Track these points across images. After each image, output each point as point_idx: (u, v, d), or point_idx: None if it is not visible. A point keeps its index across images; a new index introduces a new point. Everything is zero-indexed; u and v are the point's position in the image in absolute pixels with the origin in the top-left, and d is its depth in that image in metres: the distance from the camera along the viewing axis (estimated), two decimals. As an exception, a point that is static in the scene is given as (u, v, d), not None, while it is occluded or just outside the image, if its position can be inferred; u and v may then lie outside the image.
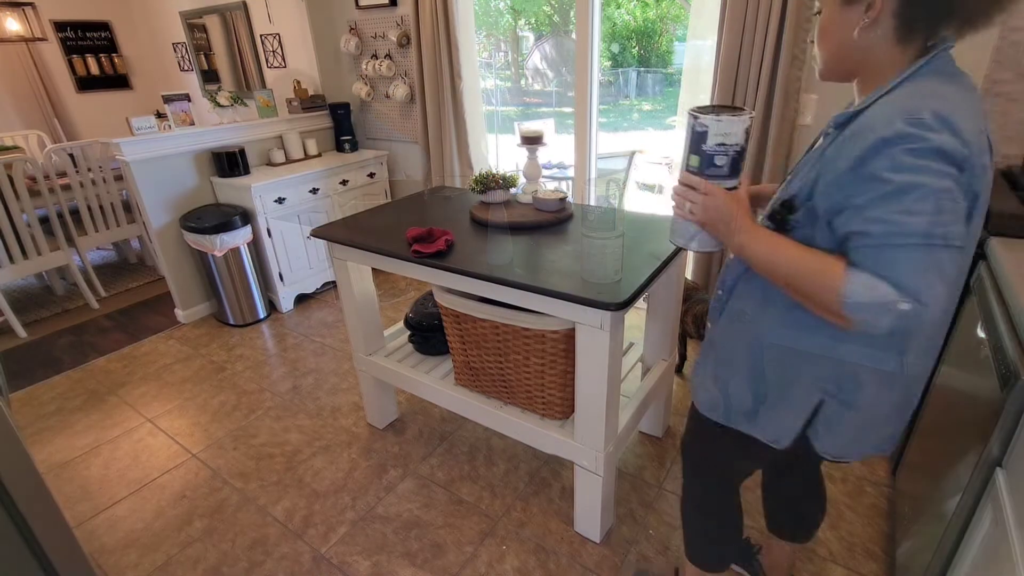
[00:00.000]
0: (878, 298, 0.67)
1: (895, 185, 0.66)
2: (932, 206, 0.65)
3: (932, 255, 0.65)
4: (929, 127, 0.66)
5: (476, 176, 1.85)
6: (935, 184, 0.65)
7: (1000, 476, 0.92)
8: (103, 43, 5.04)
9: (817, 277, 0.73)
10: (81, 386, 2.51)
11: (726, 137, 0.82)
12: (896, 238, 0.66)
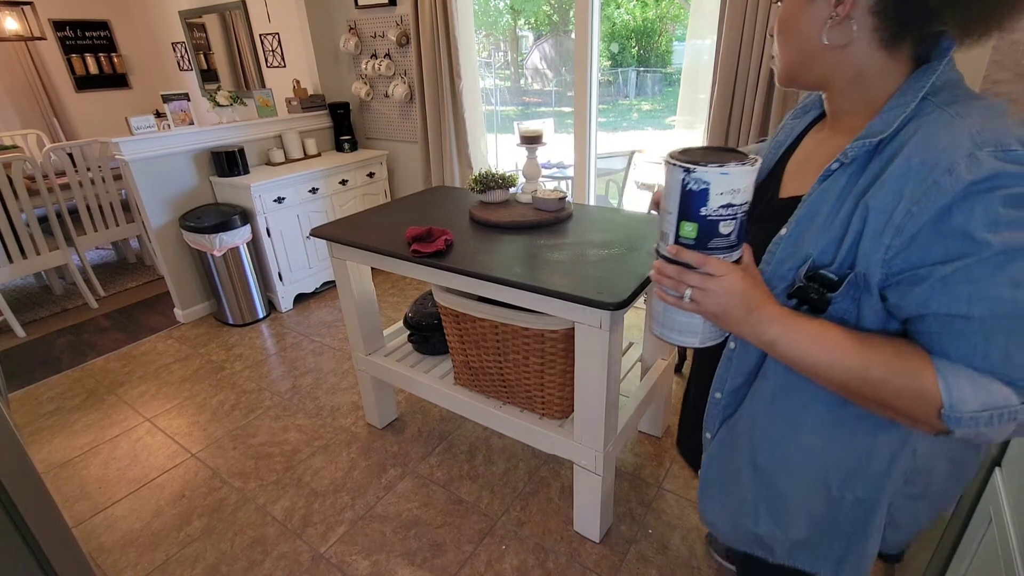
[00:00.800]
0: (995, 404, 0.50)
1: (998, 247, 0.48)
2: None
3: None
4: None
5: (475, 176, 1.85)
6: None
7: (999, 476, 0.92)
8: (102, 42, 5.04)
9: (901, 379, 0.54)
10: (80, 386, 2.50)
11: (734, 196, 0.57)
12: (1003, 320, 0.50)
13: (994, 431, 0.51)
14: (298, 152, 3.25)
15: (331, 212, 3.21)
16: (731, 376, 0.73)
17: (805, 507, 0.71)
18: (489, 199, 1.84)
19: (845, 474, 0.67)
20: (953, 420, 0.51)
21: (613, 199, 4.09)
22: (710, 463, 0.81)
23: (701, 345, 0.67)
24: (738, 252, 0.62)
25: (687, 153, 0.60)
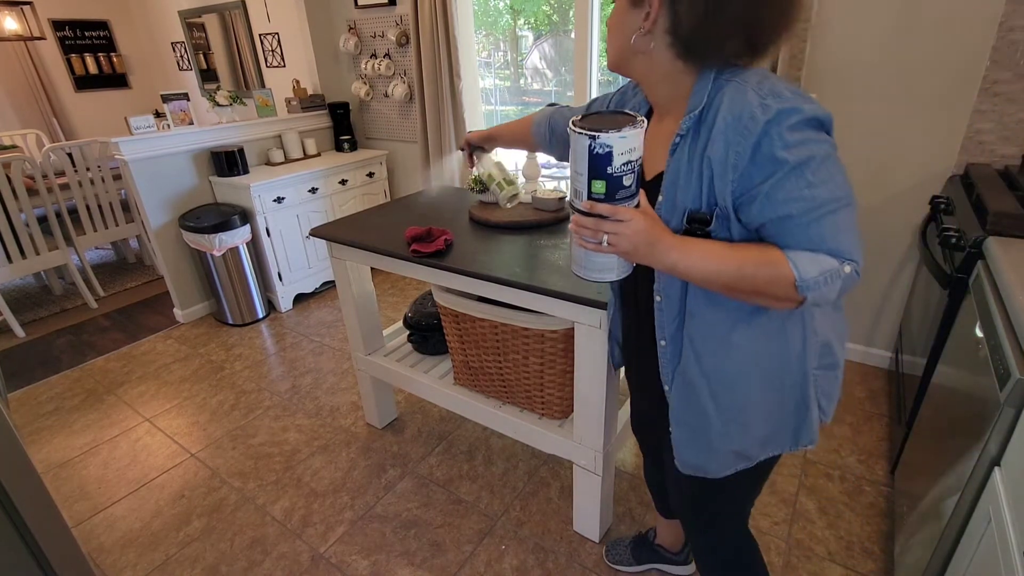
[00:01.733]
0: (826, 270, 0.70)
1: (793, 162, 0.68)
2: (827, 172, 0.69)
3: (844, 215, 0.70)
4: (794, 99, 0.69)
5: (475, 175, 1.85)
6: (821, 150, 0.69)
7: (998, 475, 0.92)
8: (101, 42, 5.04)
9: (765, 269, 0.72)
10: (79, 386, 2.50)
11: (631, 153, 0.69)
12: (813, 211, 0.69)
13: (829, 289, 0.71)
14: (298, 152, 3.25)
15: (331, 212, 3.20)
16: (666, 323, 0.89)
17: (762, 407, 0.87)
18: (489, 199, 1.84)
19: (778, 366, 0.85)
20: (804, 287, 0.71)
21: (613, 199, 4.08)
22: (677, 412, 0.93)
23: (618, 278, 0.81)
24: (637, 198, 0.75)
25: (587, 120, 0.72)
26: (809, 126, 0.69)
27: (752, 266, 0.73)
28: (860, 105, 1.99)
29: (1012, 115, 1.75)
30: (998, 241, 1.28)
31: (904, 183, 2.01)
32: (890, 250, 2.12)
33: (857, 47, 1.93)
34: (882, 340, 2.28)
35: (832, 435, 1.94)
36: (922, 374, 1.52)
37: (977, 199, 1.53)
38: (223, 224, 2.72)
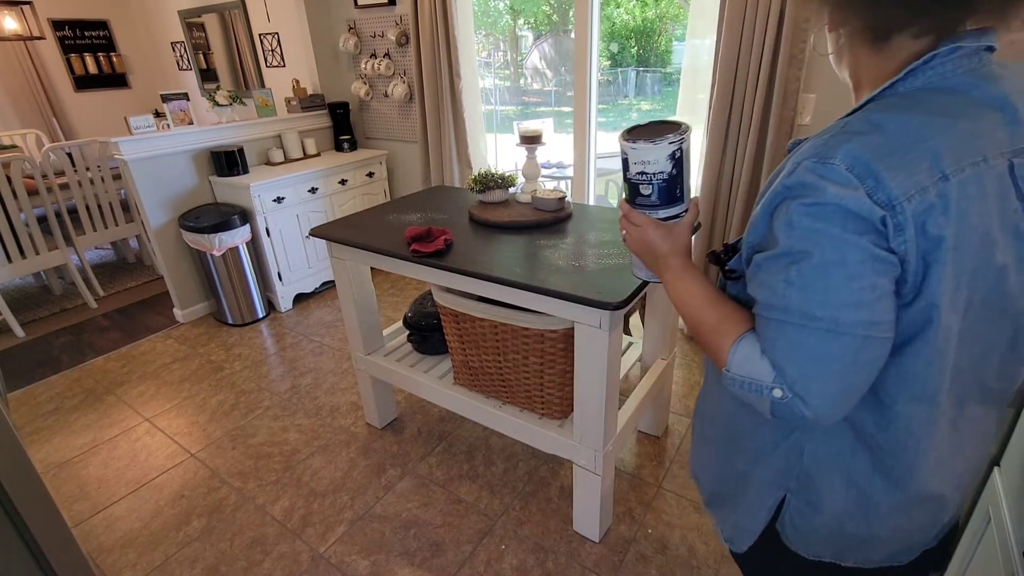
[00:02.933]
0: (753, 376, 0.57)
1: (785, 248, 0.55)
2: (819, 282, 0.52)
3: (812, 339, 0.53)
4: (838, 177, 0.51)
5: (475, 176, 1.85)
6: (828, 255, 0.52)
7: (997, 475, 0.92)
8: (101, 42, 5.03)
9: (713, 338, 0.63)
10: (79, 385, 2.50)
11: (646, 165, 0.71)
12: (775, 312, 0.56)
13: (754, 401, 0.58)
14: (297, 152, 3.25)
15: (330, 212, 3.20)
16: None
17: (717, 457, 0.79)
18: (489, 199, 1.84)
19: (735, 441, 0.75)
20: (727, 378, 0.60)
21: (613, 199, 4.09)
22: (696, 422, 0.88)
23: (647, 279, 0.83)
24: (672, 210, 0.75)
25: (635, 129, 0.74)
26: (833, 216, 0.52)
27: (709, 326, 0.64)
28: (860, 105, 1.99)
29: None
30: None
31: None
32: (890, 250, 2.12)
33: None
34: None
35: (832, 435, 1.94)
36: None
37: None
38: (223, 224, 2.72)
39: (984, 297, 0.56)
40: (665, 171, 0.71)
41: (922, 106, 0.54)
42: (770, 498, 0.72)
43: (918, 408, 0.59)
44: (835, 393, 0.54)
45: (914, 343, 0.56)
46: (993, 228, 0.53)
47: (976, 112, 0.54)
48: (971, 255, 0.53)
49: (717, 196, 2.29)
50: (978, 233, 0.53)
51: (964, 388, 0.61)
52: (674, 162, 0.71)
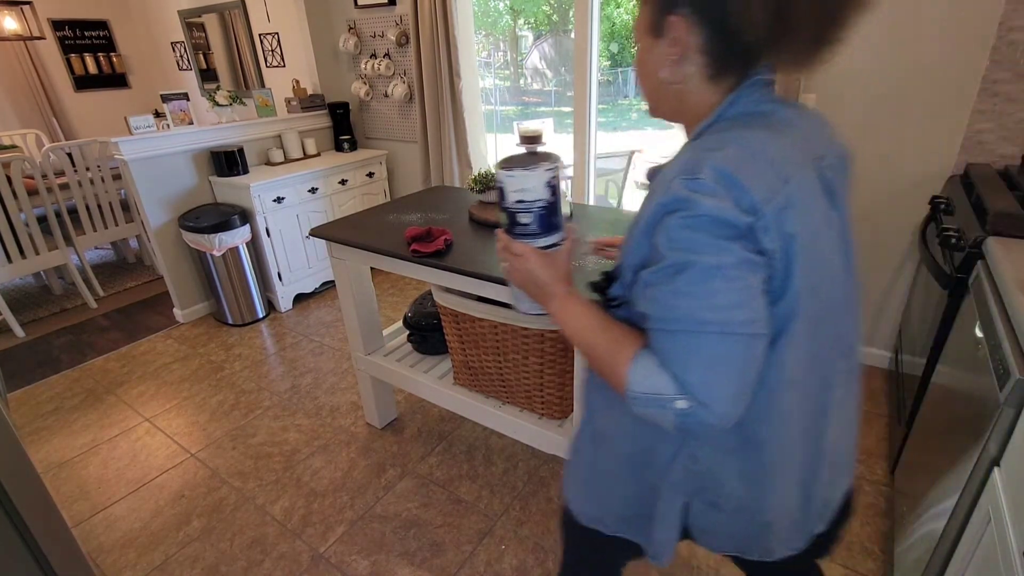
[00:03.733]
0: (655, 391, 0.58)
1: (670, 262, 0.57)
2: (703, 287, 0.56)
3: (706, 344, 0.56)
4: (707, 190, 0.56)
5: (475, 176, 1.85)
6: (708, 261, 0.55)
7: (997, 475, 0.92)
8: (101, 42, 5.03)
9: (606, 359, 0.64)
10: (79, 385, 2.50)
11: (523, 193, 0.72)
12: (668, 323, 0.58)
13: (657, 415, 0.59)
14: (297, 152, 3.25)
15: (331, 212, 3.20)
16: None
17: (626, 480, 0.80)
18: (489, 199, 1.84)
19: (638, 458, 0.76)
20: (629, 398, 0.61)
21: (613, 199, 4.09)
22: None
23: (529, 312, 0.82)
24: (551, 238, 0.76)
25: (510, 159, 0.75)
26: (707, 226, 0.56)
27: (602, 350, 0.65)
28: (860, 105, 1.99)
29: (1012, 115, 1.75)
30: (998, 241, 1.28)
31: (904, 183, 2.01)
32: (890, 250, 2.12)
33: (857, 47, 1.93)
34: (882, 340, 2.28)
35: (832, 435, 1.94)
36: (922, 374, 1.53)
37: (977, 199, 1.53)
38: (223, 224, 2.72)
39: (826, 283, 0.64)
40: (543, 199, 0.73)
41: (751, 125, 0.61)
42: (676, 504, 0.75)
43: (790, 394, 0.65)
44: (733, 394, 0.57)
45: (784, 334, 0.62)
46: (818, 226, 0.62)
47: (784, 128, 0.62)
48: (814, 248, 0.60)
49: (717, 196, 2.29)
50: (814, 227, 0.61)
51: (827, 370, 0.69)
52: (551, 189, 0.74)
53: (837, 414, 0.72)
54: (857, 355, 0.74)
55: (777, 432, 0.67)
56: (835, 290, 0.66)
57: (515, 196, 0.73)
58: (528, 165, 0.72)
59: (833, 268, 0.65)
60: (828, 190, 0.65)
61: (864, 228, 2.14)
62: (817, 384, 0.68)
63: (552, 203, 0.74)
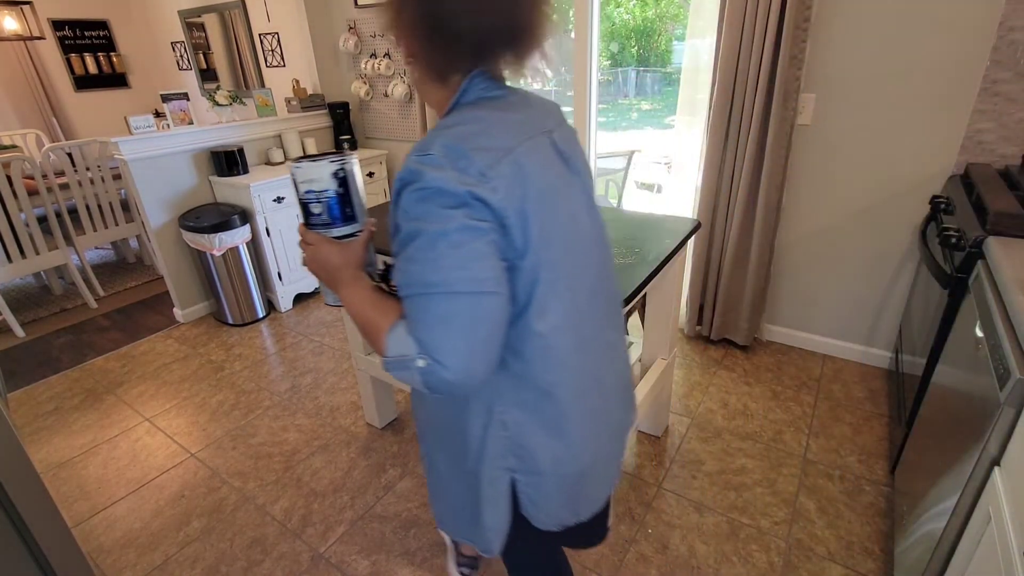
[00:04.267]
0: (401, 353, 0.63)
1: (404, 232, 0.64)
2: (430, 253, 0.61)
3: (429, 305, 0.61)
4: (432, 163, 0.63)
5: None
6: (433, 228, 0.61)
7: (998, 475, 0.92)
8: (101, 42, 5.03)
9: (375, 333, 0.68)
10: (79, 385, 2.50)
11: (311, 184, 0.79)
12: (404, 288, 0.64)
13: (406, 376, 0.64)
14: (297, 151, 3.25)
15: (330, 212, 3.20)
16: None
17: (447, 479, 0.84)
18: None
19: (456, 446, 0.79)
20: (384, 364, 0.66)
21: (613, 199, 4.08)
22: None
23: (333, 304, 0.86)
24: (346, 228, 0.81)
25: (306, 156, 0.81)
26: (432, 197, 0.62)
27: (373, 325, 0.69)
28: (860, 105, 1.99)
29: (1012, 115, 1.75)
30: (998, 241, 1.28)
31: (904, 183, 2.01)
32: (890, 250, 2.12)
33: (857, 47, 1.93)
34: (882, 340, 2.28)
35: (832, 435, 1.94)
36: (922, 374, 1.53)
37: (977, 199, 1.53)
38: (223, 224, 2.72)
39: (568, 237, 0.72)
40: (330, 189, 0.79)
41: (482, 108, 0.71)
42: (502, 485, 0.78)
43: (563, 339, 0.72)
44: (464, 349, 0.62)
45: (539, 284, 0.69)
46: (555, 183, 0.71)
47: (512, 108, 0.72)
48: (545, 205, 0.69)
49: (717, 196, 2.29)
50: (548, 184, 0.70)
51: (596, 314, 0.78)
52: (338, 181, 0.79)
53: (611, 355, 0.81)
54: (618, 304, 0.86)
55: (562, 377, 0.73)
56: (585, 243, 0.75)
57: (304, 187, 0.79)
58: (317, 159, 0.79)
59: (580, 222, 0.75)
60: (563, 156, 0.75)
61: (864, 228, 2.14)
62: (589, 328, 0.76)
63: (342, 194, 0.80)
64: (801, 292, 2.39)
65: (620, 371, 0.85)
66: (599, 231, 0.80)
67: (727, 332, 2.49)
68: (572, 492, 0.79)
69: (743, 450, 1.89)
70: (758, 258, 2.26)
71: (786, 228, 2.31)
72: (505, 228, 0.65)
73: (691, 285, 2.50)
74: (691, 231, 1.61)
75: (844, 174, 2.11)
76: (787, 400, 2.14)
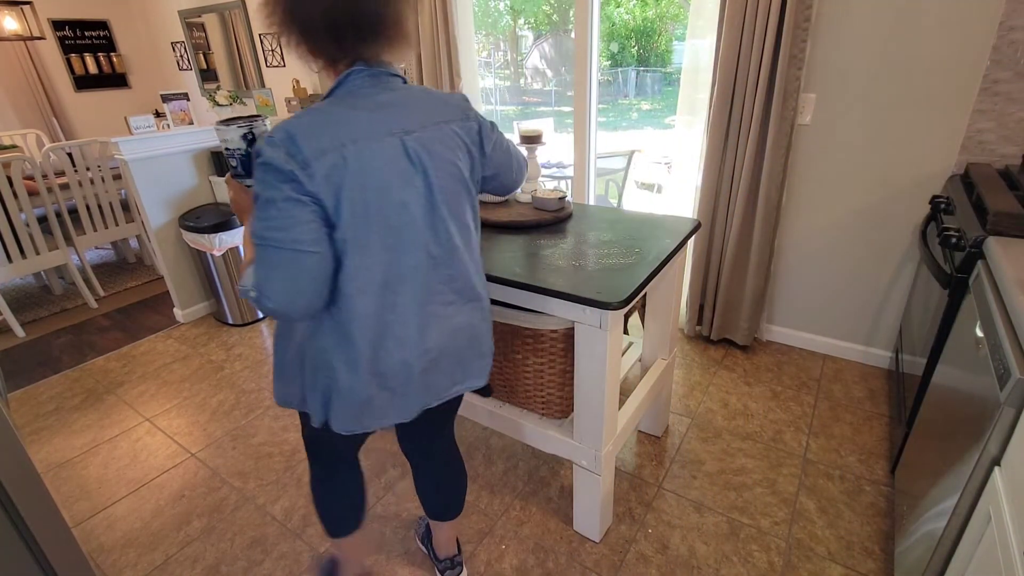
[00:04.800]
0: (246, 284, 0.84)
1: (255, 192, 0.82)
2: (265, 213, 0.80)
3: (263, 253, 0.81)
4: (271, 143, 0.80)
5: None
6: (266, 194, 0.80)
7: (998, 475, 0.92)
8: (101, 42, 5.03)
9: (244, 263, 0.90)
10: (79, 385, 2.50)
11: (228, 143, 0.98)
12: (252, 236, 0.82)
13: (251, 300, 0.84)
14: (298, 152, 3.25)
15: (331, 212, 3.20)
16: None
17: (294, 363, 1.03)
18: (489, 199, 1.84)
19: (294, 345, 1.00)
20: (240, 291, 0.86)
21: (613, 199, 4.09)
22: None
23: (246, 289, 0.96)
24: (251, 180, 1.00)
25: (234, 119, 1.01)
26: (268, 169, 0.80)
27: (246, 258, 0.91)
28: (860, 104, 1.99)
29: (1012, 115, 1.75)
30: (998, 241, 1.28)
31: (904, 182, 2.01)
32: (890, 250, 2.12)
33: (857, 46, 1.93)
34: (882, 340, 2.28)
35: (832, 435, 1.94)
36: (922, 374, 1.53)
37: (977, 199, 1.53)
38: (223, 224, 2.72)
39: (391, 223, 0.88)
40: (241, 148, 0.99)
41: (341, 104, 0.87)
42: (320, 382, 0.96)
43: (364, 300, 0.90)
44: (283, 291, 0.82)
45: (347, 255, 0.86)
46: (387, 178, 0.86)
47: (370, 107, 0.87)
48: (366, 194, 0.84)
49: (717, 196, 2.29)
50: (369, 180, 0.84)
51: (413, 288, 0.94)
52: (247, 142, 0.99)
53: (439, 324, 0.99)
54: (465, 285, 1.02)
55: (362, 331, 0.91)
56: (413, 229, 0.91)
57: (223, 145, 1.00)
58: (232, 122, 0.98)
59: (410, 211, 0.90)
60: (409, 155, 0.89)
61: (864, 227, 2.14)
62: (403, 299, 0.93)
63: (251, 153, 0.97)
64: (801, 292, 2.39)
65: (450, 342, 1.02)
66: (439, 220, 0.94)
67: (727, 332, 2.49)
68: (357, 412, 0.98)
69: (743, 450, 1.89)
70: (758, 258, 2.26)
71: (786, 228, 2.31)
72: (321, 206, 0.82)
73: (691, 285, 2.51)
74: (691, 231, 1.61)
75: (844, 174, 2.11)
76: (787, 400, 2.14)
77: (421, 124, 0.91)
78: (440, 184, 0.93)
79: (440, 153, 0.93)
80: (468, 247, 1.02)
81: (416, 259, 0.93)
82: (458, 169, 0.96)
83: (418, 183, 0.90)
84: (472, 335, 1.07)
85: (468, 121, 0.99)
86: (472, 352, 1.09)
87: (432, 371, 1.02)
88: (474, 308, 1.06)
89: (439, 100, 0.97)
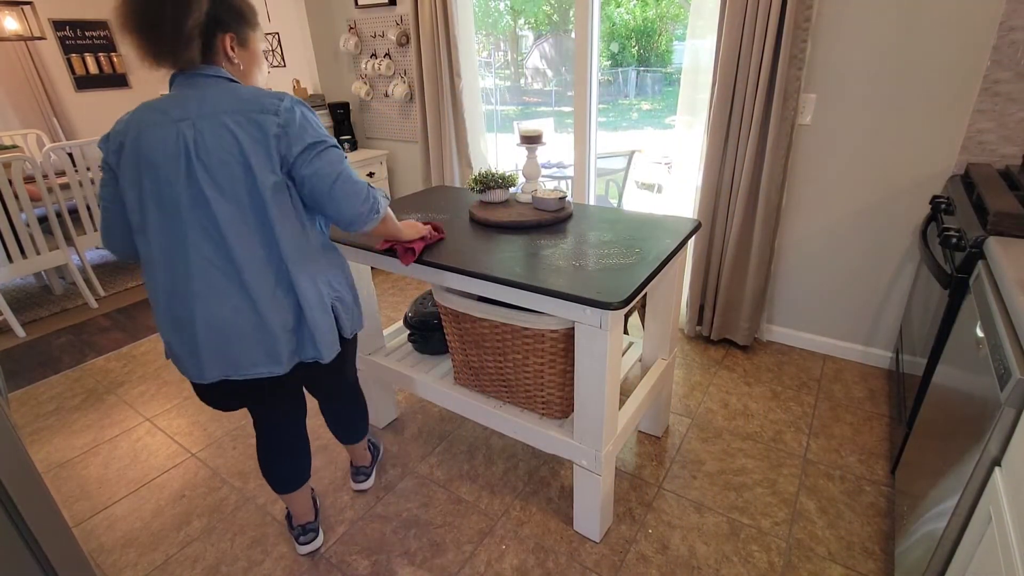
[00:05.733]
0: None
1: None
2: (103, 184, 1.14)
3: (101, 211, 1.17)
4: (104, 136, 1.11)
5: (475, 175, 1.85)
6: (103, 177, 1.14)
7: (998, 475, 0.92)
8: (102, 42, 5.03)
9: None
10: (80, 385, 2.50)
11: None
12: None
13: None
14: (298, 152, 3.25)
15: (331, 212, 3.20)
16: None
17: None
18: (489, 199, 1.84)
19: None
20: None
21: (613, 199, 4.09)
22: None
23: None
24: None
25: None
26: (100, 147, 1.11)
27: None
28: (860, 104, 1.99)
29: (1012, 115, 1.75)
30: (999, 241, 1.28)
31: (904, 183, 2.01)
32: (890, 250, 2.12)
33: (858, 47, 1.93)
34: (882, 340, 2.28)
35: (832, 435, 1.94)
36: (922, 374, 1.53)
37: (978, 199, 1.53)
38: (223, 224, 2.71)
39: (160, 198, 1.06)
40: None
41: (155, 101, 1.08)
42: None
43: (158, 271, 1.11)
44: (104, 238, 1.20)
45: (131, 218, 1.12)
46: (156, 157, 1.04)
47: (165, 104, 1.06)
48: (138, 171, 1.06)
49: (717, 196, 2.29)
50: (142, 159, 1.05)
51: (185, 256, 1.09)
52: None
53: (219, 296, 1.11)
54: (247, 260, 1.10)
55: (157, 297, 1.13)
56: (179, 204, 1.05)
57: None
58: None
59: (175, 189, 1.04)
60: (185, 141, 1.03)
61: (865, 228, 2.14)
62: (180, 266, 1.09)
63: None
64: (801, 292, 2.39)
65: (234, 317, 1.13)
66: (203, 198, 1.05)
67: (727, 332, 2.49)
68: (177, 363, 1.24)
69: (743, 450, 1.89)
70: (758, 258, 2.26)
71: (786, 228, 2.31)
72: (115, 176, 1.10)
73: (691, 285, 2.51)
74: (691, 231, 1.61)
75: (845, 174, 2.11)
76: (787, 400, 2.14)
77: (197, 115, 1.04)
78: (208, 164, 1.04)
79: (218, 141, 1.04)
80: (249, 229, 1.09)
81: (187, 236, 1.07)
82: (238, 153, 1.04)
83: (181, 164, 1.04)
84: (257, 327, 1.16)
85: (265, 114, 1.05)
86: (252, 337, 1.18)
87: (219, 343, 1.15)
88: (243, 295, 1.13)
89: (236, 94, 1.06)
